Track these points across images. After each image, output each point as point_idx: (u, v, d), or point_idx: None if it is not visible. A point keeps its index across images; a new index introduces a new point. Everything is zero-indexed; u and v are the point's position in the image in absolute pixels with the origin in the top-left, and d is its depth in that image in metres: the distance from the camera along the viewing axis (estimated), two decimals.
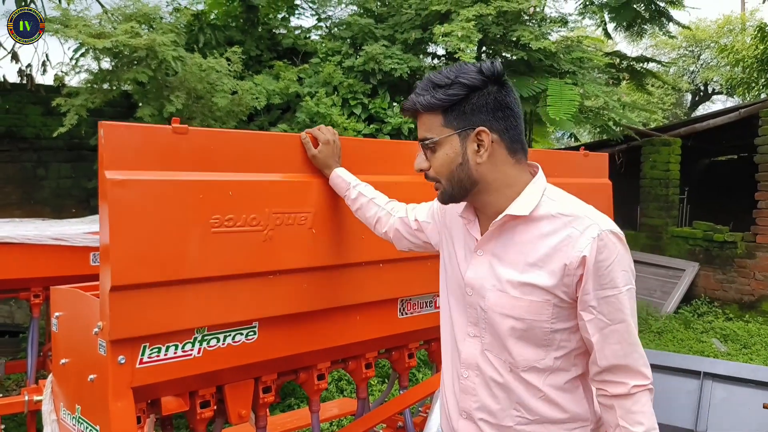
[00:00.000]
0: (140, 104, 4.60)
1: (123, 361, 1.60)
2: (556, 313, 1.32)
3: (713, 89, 19.43)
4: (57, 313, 1.90)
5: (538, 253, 1.32)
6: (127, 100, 5.41)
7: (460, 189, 1.38)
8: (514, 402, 1.37)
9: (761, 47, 9.55)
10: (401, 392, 2.38)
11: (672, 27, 8.41)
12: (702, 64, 19.20)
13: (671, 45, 19.05)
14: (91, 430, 1.71)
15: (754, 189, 7.25)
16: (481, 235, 1.42)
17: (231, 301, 1.73)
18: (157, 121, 4.59)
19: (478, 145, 1.34)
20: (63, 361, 1.86)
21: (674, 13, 8.14)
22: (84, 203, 6.08)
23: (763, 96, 9.55)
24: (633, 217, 8.91)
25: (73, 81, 5.25)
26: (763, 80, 9.92)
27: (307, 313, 1.94)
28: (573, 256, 1.29)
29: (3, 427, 3.45)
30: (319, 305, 1.95)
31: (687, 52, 19.30)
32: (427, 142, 1.38)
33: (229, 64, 4.78)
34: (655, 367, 3.96)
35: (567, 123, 5.03)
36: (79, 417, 1.77)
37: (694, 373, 3.91)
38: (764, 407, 3.53)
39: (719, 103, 22.00)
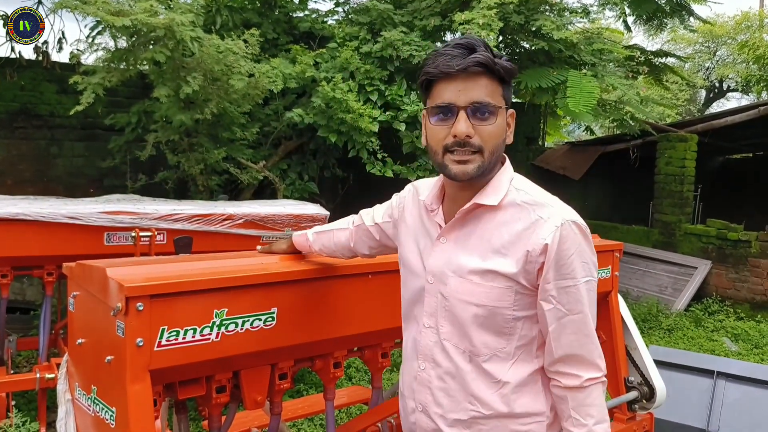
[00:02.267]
0: (156, 85, 4.58)
1: (141, 344, 1.58)
2: (518, 300, 1.33)
3: (728, 86, 19.23)
4: (74, 293, 1.88)
5: (501, 240, 1.33)
6: (142, 80, 5.38)
7: (490, 165, 1.34)
8: (469, 395, 1.36)
9: None
10: None
11: (692, 21, 8.29)
12: (718, 61, 18.98)
13: (687, 40, 18.83)
14: (106, 411, 1.69)
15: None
16: (446, 223, 1.42)
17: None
18: (174, 102, 4.57)
19: (507, 126, 1.38)
20: (79, 341, 1.84)
21: (695, 7, 8.03)
22: (97, 182, 6.07)
23: None
24: (645, 213, 8.83)
25: (89, 59, 5.24)
26: None
27: (327, 301, 1.92)
28: (536, 243, 1.31)
29: (14, 403, 3.45)
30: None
31: (703, 48, 19.09)
32: (488, 106, 1.29)
33: (246, 47, 4.74)
34: (667, 365, 3.95)
35: (586, 115, 4.97)
36: (95, 398, 1.75)
37: (708, 372, 3.88)
38: None
39: (734, 100, 21.81)
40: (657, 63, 7.98)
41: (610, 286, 2.97)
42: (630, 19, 8.19)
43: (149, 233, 3.56)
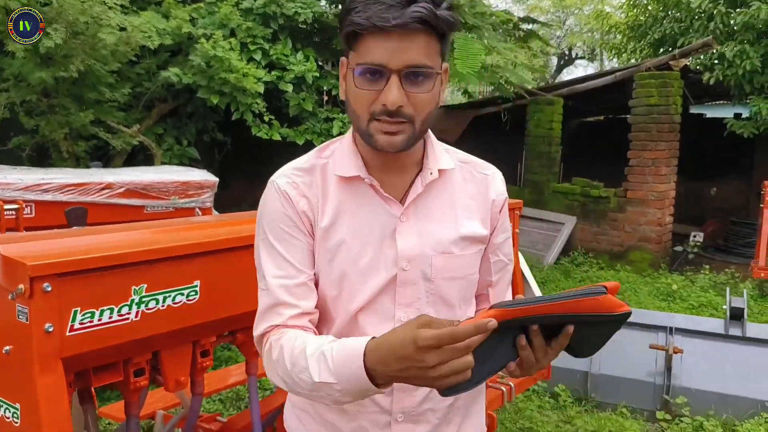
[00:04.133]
0: (7, 38, 4.02)
1: (51, 329, 1.38)
2: (479, 261, 1.29)
3: (576, 54, 20.74)
4: None
5: (463, 204, 1.25)
6: None
7: (420, 135, 1.15)
8: None
9: (632, 14, 10.19)
10: None
11: None
12: (567, 30, 20.37)
13: (541, 9, 20.00)
14: (7, 408, 1.47)
15: (620, 148, 7.81)
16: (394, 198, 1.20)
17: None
18: (32, 58, 4.05)
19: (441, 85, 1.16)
20: None
21: None
22: None
23: (633, 61, 10.24)
24: (516, 173, 9.31)
25: None
26: (631, 46, 10.62)
27: (251, 271, 1.79)
28: (494, 199, 1.28)
29: None
30: None
31: (554, 18, 20.36)
32: (425, 70, 1.08)
33: None
34: None
35: (472, 78, 5.07)
36: None
37: None
38: (650, 347, 3.86)
39: (581, 67, 23.65)
40: (525, 29, 8.34)
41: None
42: None
43: (15, 206, 3.17)
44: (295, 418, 1.29)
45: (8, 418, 1.47)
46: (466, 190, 1.26)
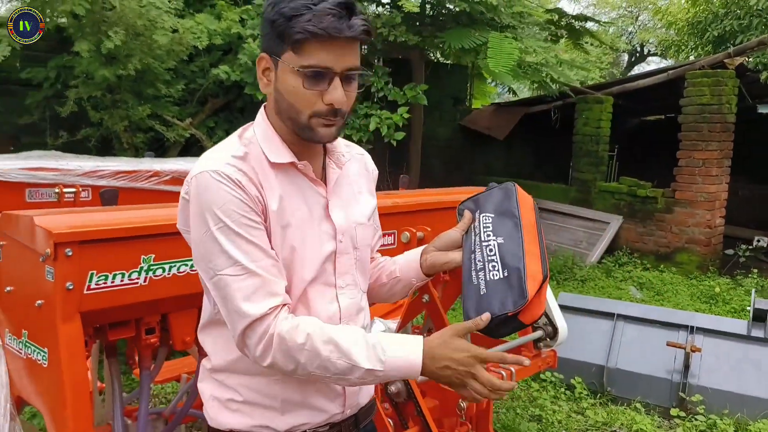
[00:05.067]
0: (75, 39, 4.46)
1: (71, 287, 1.67)
2: None
3: (649, 50, 20.04)
4: (1, 243, 1.93)
5: (358, 180, 1.44)
6: (59, 34, 5.20)
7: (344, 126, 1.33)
8: None
9: (692, 11, 9.92)
10: None
11: None
12: (639, 26, 19.72)
13: (612, 5, 19.44)
14: (38, 352, 1.78)
15: (677, 148, 7.68)
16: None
17: None
18: (95, 57, 4.47)
19: None
20: (8, 288, 1.91)
21: None
22: (14, 140, 5.86)
23: (692, 58, 9.98)
24: (565, 171, 9.29)
25: (1, 10, 5.01)
26: (692, 43, 10.34)
27: None
28: (372, 174, 1.49)
29: None
30: None
31: (626, 13, 19.76)
32: (359, 72, 1.23)
33: (169, 1, 4.67)
34: (575, 310, 4.30)
35: (506, 76, 5.18)
36: (26, 341, 1.83)
37: (609, 315, 4.26)
38: (667, 345, 3.90)
39: (653, 64, 22.74)
40: (578, 27, 8.29)
41: None
42: None
43: (73, 189, 3.55)
44: (229, 390, 1.31)
45: (39, 360, 1.78)
46: (356, 168, 1.45)
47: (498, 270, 1.27)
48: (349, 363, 1.17)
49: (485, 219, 1.38)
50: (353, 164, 1.43)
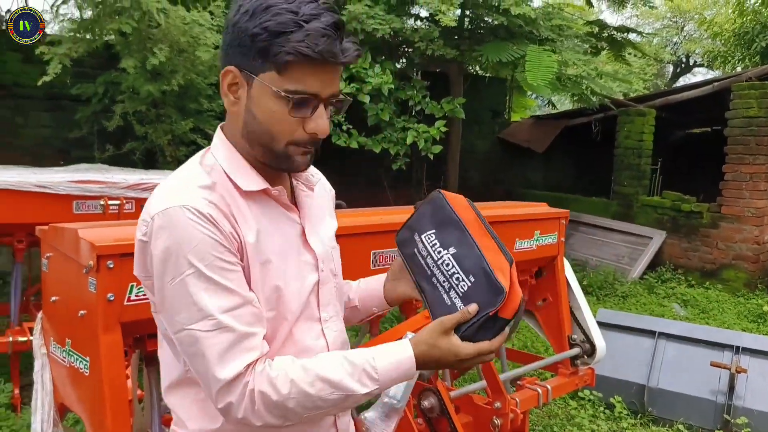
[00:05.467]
0: (122, 55, 4.62)
1: (112, 298, 1.72)
2: None
3: (695, 61, 19.59)
4: (48, 254, 2.00)
5: (321, 201, 1.32)
6: (108, 51, 5.39)
7: None
8: None
9: (739, 21, 9.68)
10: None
11: None
12: (685, 36, 19.30)
13: (655, 15, 19.09)
14: (80, 361, 1.84)
15: (723, 162, 7.48)
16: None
17: None
18: (141, 73, 4.62)
19: None
20: (53, 298, 1.98)
21: None
22: (64, 153, 6.09)
23: (739, 69, 9.72)
24: (606, 185, 9.13)
25: (53, 29, 5.23)
26: (739, 54, 10.09)
27: None
28: (330, 193, 1.39)
29: None
30: None
31: (671, 23, 19.38)
32: (341, 98, 1.13)
33: (212, 18, 4.79)
34: (614, 327, 4.22)
35: (544, 89, 5.14)
36: (69, 350, 1.90)
37: (650, 333, 4.16)
38: (711, 365, 3.78)
39: (700, 75, 22.20)
40: (619, 38, 8.18)
41: (557, 251, 3.18)
42: None
43: (118, 202, 3.66)
44: None
45: (81, 369, 1.84)
46: (319, 190, 1.32)
47: (464, 279, 1.19)
48: (343, 393, 1.06)
49: (428, 238, 1.28)
50: (319, 186, 1.32)
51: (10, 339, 3.33)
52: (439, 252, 1.24)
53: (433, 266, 1.23)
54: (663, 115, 8.69)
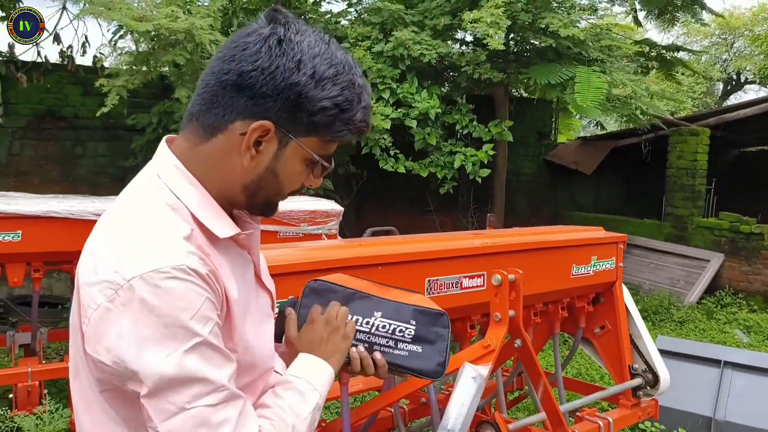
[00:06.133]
0: (176, 86, 4.75)
1: None
2: None
3: (746, 78, 19.03)
4: None
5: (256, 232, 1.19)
6: (162, 81, 5.57)
7: None
8: None
9: None
10: None
11: (705, 15, 8.31)
12: (735, 53, 18.80)
13: (704, 33, 18.68)
14: None
15: None
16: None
17: None
18: None
19: None
20: None
21: (708, 0, 8.05)
22: (120, 182, 6.27)
23: None
24: (658, 207, 8.88)
25: (111, 63, 5.42)
26: None
27: None
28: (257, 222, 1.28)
29: (46, 391, 3.63)
30: None
31: (720, 40, 18.93)
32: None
33: None
34: (675, 355, 4.05)
35: (594, 110, 5.06)
36: None
37: (715, 362, 3.97)
38: None
39: (752, 92, 21.55)
40: (668, 57, 8.02)
41: (615, 277, 3.07)
42: (641, 14, 8.24)
43: None
44: None
45: None
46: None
47: (408, 327, 1.27)
48: (312, 415, 1.03)
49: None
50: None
51: (68, 365, 3.38)
52: (368, 322, 1.26)
53: (372, 335, 1.26)
54: (717, 134, 8.45)
